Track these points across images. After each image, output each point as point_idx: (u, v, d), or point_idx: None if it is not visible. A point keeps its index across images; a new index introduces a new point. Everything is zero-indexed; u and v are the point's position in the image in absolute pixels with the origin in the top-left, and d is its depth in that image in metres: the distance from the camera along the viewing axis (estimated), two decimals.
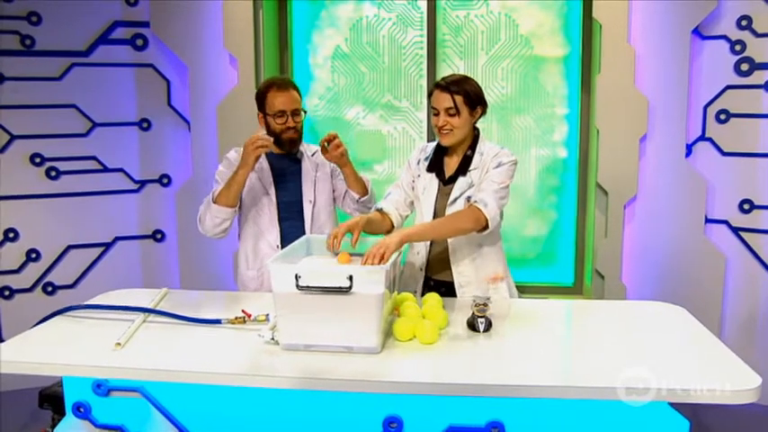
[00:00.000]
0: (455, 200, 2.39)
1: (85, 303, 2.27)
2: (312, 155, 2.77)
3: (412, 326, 1.94)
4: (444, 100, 2.31)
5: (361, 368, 1.76)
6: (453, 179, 2.42)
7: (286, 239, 2.56)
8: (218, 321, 2.08)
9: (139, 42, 3.81)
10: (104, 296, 2.46)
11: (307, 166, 2.73)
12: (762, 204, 3.48)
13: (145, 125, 3.88)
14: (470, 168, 2.39)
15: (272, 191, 2.67)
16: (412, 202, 2.55)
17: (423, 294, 2.40)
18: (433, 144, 2.52)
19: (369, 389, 1.71)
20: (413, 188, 2.52)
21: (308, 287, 1.80)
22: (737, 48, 3.43)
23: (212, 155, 3.80)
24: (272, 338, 1.88)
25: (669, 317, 2.19)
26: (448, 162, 2.46)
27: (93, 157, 3.82)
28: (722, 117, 3.51)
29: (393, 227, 2.46)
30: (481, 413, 1.74)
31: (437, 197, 2.44)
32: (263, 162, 2.68)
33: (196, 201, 3.84)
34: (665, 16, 3.43)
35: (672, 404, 1.70)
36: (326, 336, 1.85)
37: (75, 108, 3.75)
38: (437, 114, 2.35)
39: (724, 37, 3.45)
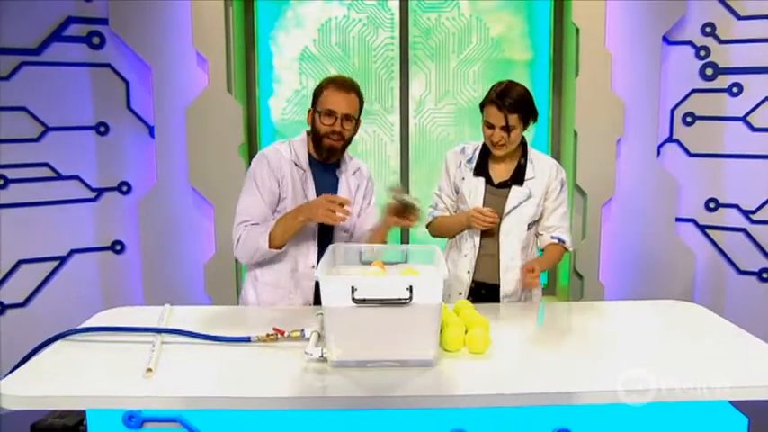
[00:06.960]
0: (512, 210, 2.44)
1: (94, 326, 2.05)
2: (353, 173, 2.46)
3: (462, 335, 1.88)
4: (500, 119, 2.34)
5: (426, 383, 1.68)
6: (505, 185, 2.46)
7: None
8: (247, 339, 1.94)
9: (96, 40, 3.54)
10: (99, 317, 2.24)
11: (344, 186, 2.43)
12: (726, 203, 3.65)
13: (102, 129, 3.61)
14: (526, 178, 2.45)
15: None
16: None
17: (468, 296, 2.43)
18: (472, 146, 2.55)
19: (438, 404, 1.64)
20: (457, 192, 2.53)
21: (364, 300, 1.71)
22: (702, 53, 3.59)
23: (180, 160, 3.59)
24: (321, 356, 1.77)
25: (694, 316, 2.24)
26: (495, 167, 2.49)
27: (46, 164, 3.51)
28: (688, 120, 3.66)
29: None
30: (547, 421, 1.70)
31: (485, 199, 2.46)
32: (308, 179, 2.37)
33: (161, 209, 3.66)
34: (638, 21, 3.54)
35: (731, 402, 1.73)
36: (381, 350, 1.75)
37: (26, 111, 3.44)
38: (491, 128, 2.37)
39: (689, 43, 3.60)
